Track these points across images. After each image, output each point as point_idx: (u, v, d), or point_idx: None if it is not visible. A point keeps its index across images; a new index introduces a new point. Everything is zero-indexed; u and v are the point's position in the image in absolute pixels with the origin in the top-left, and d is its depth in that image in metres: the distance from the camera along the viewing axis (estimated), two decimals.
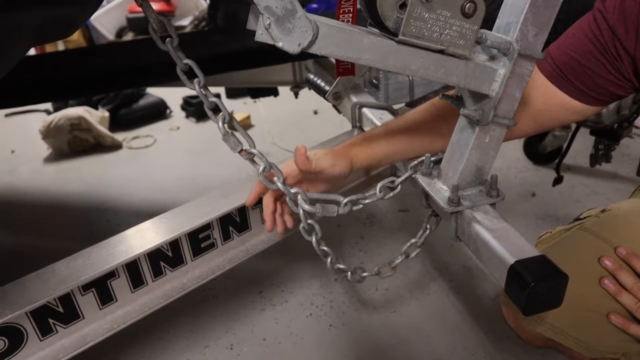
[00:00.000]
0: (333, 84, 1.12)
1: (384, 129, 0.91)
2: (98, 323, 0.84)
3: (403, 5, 0.59)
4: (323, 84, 1.21)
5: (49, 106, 2.97)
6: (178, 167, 2.32)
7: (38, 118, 2.81)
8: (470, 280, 1.47)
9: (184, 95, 2.90)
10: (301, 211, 0.76)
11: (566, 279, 0.64)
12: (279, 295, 1.45)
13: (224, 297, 1.45)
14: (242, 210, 0.96)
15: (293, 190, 0.76)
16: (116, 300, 0.85)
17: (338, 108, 1.38)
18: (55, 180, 2.27)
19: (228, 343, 1.30)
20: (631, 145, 2.17)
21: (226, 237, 0.96)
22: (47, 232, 1.85)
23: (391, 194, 0.82)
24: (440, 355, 1.23)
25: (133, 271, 0.85)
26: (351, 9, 0.80)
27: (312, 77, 1.24)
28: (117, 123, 2.72)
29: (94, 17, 2.96)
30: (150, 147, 2.56)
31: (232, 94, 2.95)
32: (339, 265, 0.87)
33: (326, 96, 1.14)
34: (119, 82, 1.65)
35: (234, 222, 0.96)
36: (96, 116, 2.57)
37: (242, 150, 0.73)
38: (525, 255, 0.66)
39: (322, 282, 1.47)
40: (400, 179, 0.82)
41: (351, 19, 0.81)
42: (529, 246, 0.68)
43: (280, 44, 0.56)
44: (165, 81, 1.76)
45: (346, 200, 0.79)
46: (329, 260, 0.85)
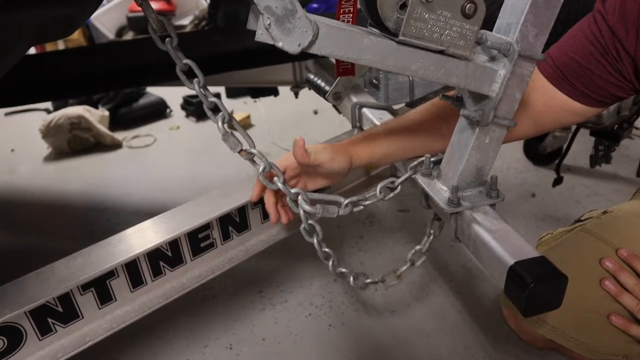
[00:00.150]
0: (333, 84, 1.12)
1: (385, 128, 0.91)
2: (97, 323, 0.84)
3: (403, 5, 0.59)
4: (323, 84, 1.21)
5: (49, 105, 2.97)
6: (178, 167, 2.32)
7: (38, 117, 2.81)
8: (470, 280, 1.47)
9: (184, 94, 2.90)
10: (302, 212, 0.76)
11: (565, 280, 0.64)
12: (279, 295, 1.45)
13: (224, 297, 1.45)
14: (242, 210, 0.96)
15: (293, 190, 0.76)
16: (115, 299, 0.85)
17: (338, 108, 1.38)
18: (55, 179, 2.27)
19: (227, 343, 1.30)
20: (631, 146, 2.17)
21: (226, 237, 0.96)
22: (47, 232, 1.85)
23: (391, 195, 0.82)
24: (439, 355, 1.23)
25: (132, 271, 0.85)
26: (351, 9, 0.80)
27: (312, 77, 1.24)
28: (117, 122, 2.72)
29: (94, 16, 2.96)
30: (150, 147, 2.56)
31: (232, 94, 2.95)
32: (341, 269, 0.86)
33: (326, 96, 1.14)
34: (119, 81, 1.65)
35: (234, 222, 0.96)
36: (96, 115, 2.57)
37: (242, 150, 0.73)
38: (524, 256, 0.66)
39: (322, 282, 1.47)
40: (400, 180, 0.82)
41: (351, 19, 0.81)
42: (529, 247, 0.68)
43: (280, 44, 0.56)
44: (165, 80, 1.76)
45: (347, 201, 0.79)
46: (331, 263, 0.84)
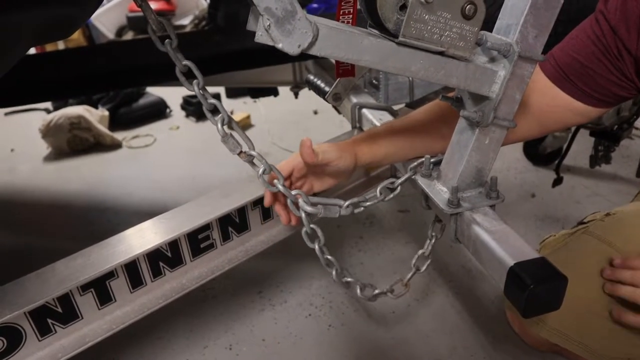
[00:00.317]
0: (333, 85, 1.12)
1: (388, 128, 0.91)
2: (97, 323, 0.84)
3: (403, 6, 0.59)
4: (323, 85, 1.21)
5: (49, 105, 2.97)
6: (178, 167, 2.32)
7: (38, 117, 2.81)
8: (469, 281, 1.47)
9: (184, 94, 2.90)
10: (303, 214, 0.76)
11: (565, 282, 0.64)
12: (278, 295, 1.45)
13: (224, 297, 1.45)
14: (242, 210, 0.96)
15: (294, 192, 0.75)
16: (115, 300, 0.85)
17: (338, 109, 1.38)
18: (54, 179, 2.27)
19: (227, 343, 1.30)
20: (631, 146, 2.18)
21: (225, 238, 0.96)
22: (47, 232, 1.85)
23: (391, 196, 0.82)
24: (439, 355, 1.23)
25: (132, 271, 0.85)
26: (351, 10, 0.80)
27: (312, 78, 1.24)
28: (117, 122, 2.72)
29: (94, 16, 2.95)
30: (150, 147, 2.56)
31: (232, 94, 2.95)
32: (347, 278, 0.84)
33: (326, 97, 1.14)
34: (119, 82, 1.65)
35: (234, 223, 0.96)
36: (96, 115, 2.57)
37: (242, 152, 0.72)
38: (524, 257, 0.65)
39: (322, 283, 1.47)
40: (399, 181, 0.82)
41: (351, 20, 0.81)
42: (529, 248, 0.68)
43: (280, 45, 0.56)
44: (165, 81, 1.76)
45: (347, 202, 0.78)
46: (334, 271, 0.82)
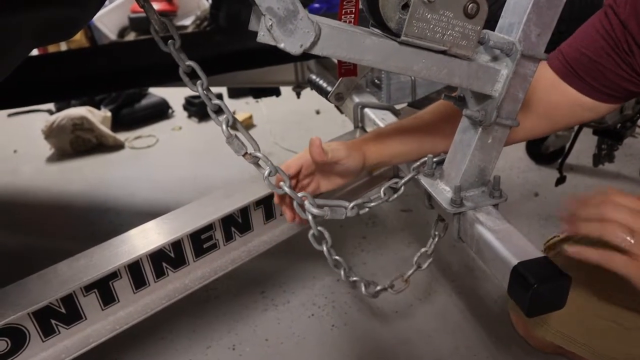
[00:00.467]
0: (335, 85, 1.12)
1: (397, 128, 0.90)
2: (100, 324, 0.84)
3: (405, 5, 0.58)
4: (325, 85, 1.21)
5: (52, 106, 2.98)
6: (180, 167, 2.32)
7: (40, 118, 2.82)
8: (472, 280, 1.47)
9: (186, 95, 2.90)
10: (310, 216, 0.75)
11: (569, 281, 0.63)
12: (281, 295, 1.45)
13: (227, 298, 1.45)
14: (245, 211, 0.96)
15: (300, 194, 0.75)
16: (118, 301, 0.85)
17: (340, 108, 1.38)
18: (57, 180, 2.28)
19: (230, 343, 1.30)
20: (634, 145, 2.17)
21: (228, 238, 0.96)
22: (49, 233, 1.85)
23: (395, 196, 0.82)
24: (442, 355, 1.23)
25: (135, 272, 0.85)
26: (353, 10, 0.80)
27: (314, 78, 1.24)
28: (120, 123, 2.73)
29: (97, 17, 2.96)
30: (152, 147, 2.56)
31: (234, 94, 2.95)
32: (353, 277, 0.86)
33: (328, 97, 1.14)
34: (122, 82, 1.65)
35: (236, 223, 0.96)
36: (98, 116, 2.58)
37: (247, 153, 0.71)
38: (528, 256, 0.65)
39: (324, 283, 1.47)
40: (403, 181, 0.82)
41: (353, 20, 0.81)
42: (532, 247, 0.68)
43: (282, 45, 0.56)
44: (167, 81, 1.76)
45: (352, 204, 0.78)
46: (342, 271, 0.84)
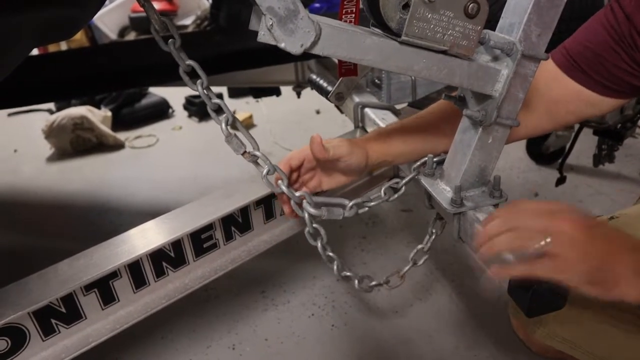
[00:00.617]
0: (335, 85, 1.12)
1: (400, 127, 0.90)
2: (100, 323, 0.84)
3: (406, 5, 0.58)
4: (325, 85, 1.20)
5: (52, 106, 2.98)
6: (180, 167, 2.32)
7: (41, 117, 2.82)
8: (472, 280, 1.47)
9: (187, 94, 2.90)
10: (306, 215, 0.76)
11: None
12: (282, 295, 1.45)
13: (227, 297, 1.45)
14: (245, 210, 0.96)
15: (298, 193, 0.75)
16: (118, 300, 0.85)
17: (340, 108, 1.38)
18: (57, 179, 2.28)
19: (230, 343, 1.30)
20: (634, 145, 2.17)
21: (228, 238, 0.96)
22: (50, 232, 1.85)
23: (395, 196, 0.82)
24: (442, 355, 1.23)
25: (135, 271, 0.85)
26: (353, 9, 0.79)
27: (315, 78, 1.24)
28: (120, 122, 2.73)
29: (97, 17, 2.95)
30: (152, 147, 2.56)
31: (235, 94, 2.94)
32: (346, 272, 0.86)
33: (329, 97, 1.14)
34: (122, 82, 1.65)
35: (236, 223, 0.96)
36: (99, 116, 2.58)
37: (246, 152, 0.72)
38: None
39: (325, 283, 1.47)
40: (404, 181, 0.82)
41: (354, 20, 0.80)
42: None
43: (282, 45, 0.56)
44: (168, 81, 1.75)
45: (352, 203, 0.78)
46: (335, 266, 0.83)
